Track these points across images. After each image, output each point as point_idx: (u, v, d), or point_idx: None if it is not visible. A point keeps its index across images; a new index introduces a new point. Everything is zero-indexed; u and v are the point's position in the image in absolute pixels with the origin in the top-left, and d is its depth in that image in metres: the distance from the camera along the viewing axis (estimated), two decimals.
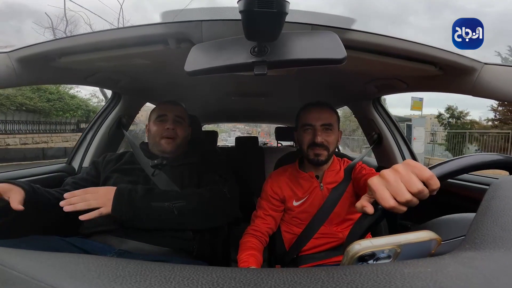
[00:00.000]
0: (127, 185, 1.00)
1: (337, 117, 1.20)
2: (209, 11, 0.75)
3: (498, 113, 12.44)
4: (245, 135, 11.82)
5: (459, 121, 14.10)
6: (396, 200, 0.48)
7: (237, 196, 1.20)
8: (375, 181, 0.51)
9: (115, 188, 0.96)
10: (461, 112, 14.19)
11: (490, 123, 12.88)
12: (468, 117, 14.02)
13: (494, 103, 12.01)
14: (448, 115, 14.42)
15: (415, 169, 0.49)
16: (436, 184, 0.48)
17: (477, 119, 14.18)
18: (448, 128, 13.77)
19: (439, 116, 14.79)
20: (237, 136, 3.64)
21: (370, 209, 0.50)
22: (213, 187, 1.12)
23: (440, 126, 14.95)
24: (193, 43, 0.80)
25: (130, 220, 0.95)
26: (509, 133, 9.53)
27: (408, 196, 0.47)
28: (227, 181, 1.17)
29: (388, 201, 0.48)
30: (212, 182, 1.15)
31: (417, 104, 11.16)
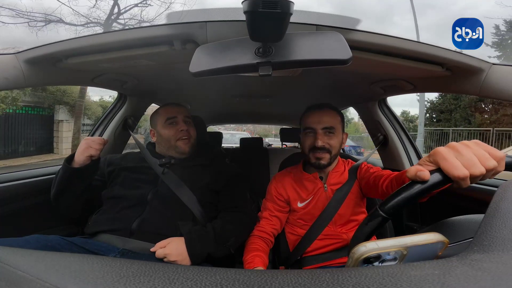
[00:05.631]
0: (189, 234, 1.02)
1: (341, 119, 1.19)
2: (213, 12, 0.75)
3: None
4: (232, 132, 12.05)
5: (411, 123, 16.16)
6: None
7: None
8: (443, 150, 0.50)
9: (182, 239, 0.99)
10: (412, 116, 16.37)
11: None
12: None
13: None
14: (402, 118, 16.59)
15: (486, 147, 0.49)
16: (502, 167, 0.48)
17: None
18: None
19: None
20: (224, 133, 3.64)
21: (426, 174, 0.48)
22: (248, 210, 1.22)
23: None
24: (198, 44, 0.80)
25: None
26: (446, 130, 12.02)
27: (483, 170, 0.47)
28: (254, 201, 1.27)
29: (461, 170, 0.46)
30: (244, 200, 1.23)
31: None
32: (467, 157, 0.48)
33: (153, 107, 1.96)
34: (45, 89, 9.22)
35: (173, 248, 0.96)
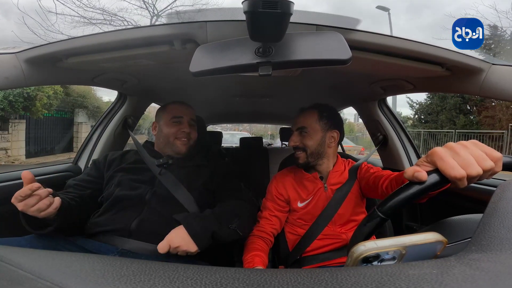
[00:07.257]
0: (185, 218, 0.96)
1: (319, 118, 1.17)
2: (213, 12, 0.76)
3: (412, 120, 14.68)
4: (232, 132, 12.12)
5: (404, 124, 16.55)
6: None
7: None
8: (440, 150, 0.49)
9: (182, 227, 0.92)
10: (403, 117, 16.22)
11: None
12: (410, 121, 15.52)
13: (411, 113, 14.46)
14: None
15: (484, 148, 0.49)
16: (500, 168, 0.48)
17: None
18: None
19: None
20: (224, 133, 3.65)
21: (423, 175, 0.47)
22: (245, 197, 1.17)
23: None
24: (198, 43, 0.80)
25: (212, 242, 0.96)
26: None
27: (480, 170, 0.47)
28: (249, 190, 1.24)
29: (457, 170, 0.46)
30: (239, 190, 1.20)
31: None
32: (464, 157, 0.48)
33: (154, 106, 1.97)
34: (69, 94, 10.10)
35: (173, 235, 0.90)
